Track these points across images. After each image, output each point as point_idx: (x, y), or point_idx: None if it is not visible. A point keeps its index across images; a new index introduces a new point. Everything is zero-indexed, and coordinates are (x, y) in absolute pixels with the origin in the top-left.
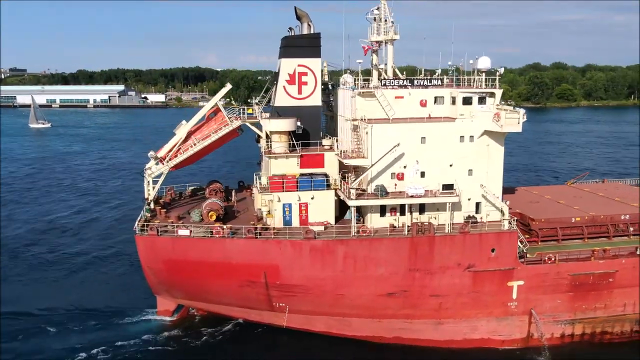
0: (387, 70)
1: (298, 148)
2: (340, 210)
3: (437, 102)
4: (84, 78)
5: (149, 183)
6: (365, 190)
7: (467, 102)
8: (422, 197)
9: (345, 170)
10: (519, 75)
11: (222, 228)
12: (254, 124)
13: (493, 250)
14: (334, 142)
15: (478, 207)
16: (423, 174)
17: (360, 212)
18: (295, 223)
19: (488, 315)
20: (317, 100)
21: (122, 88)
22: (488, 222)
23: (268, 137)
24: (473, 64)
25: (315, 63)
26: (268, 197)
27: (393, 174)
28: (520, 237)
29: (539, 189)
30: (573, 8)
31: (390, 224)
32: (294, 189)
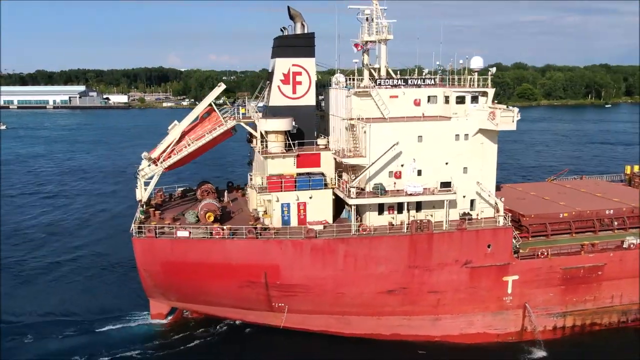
0: (380, 70)
1: (295, 148)
2: (336, 209)
3: (430, 101)
4: (43, 78)
5: (142, 184)
6: (364, 189)
7: (460, 101)
8: (420, 195)
9: (340, 170)
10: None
11: (222, 229)
12: (248, 124)
13: (489, 246)
14: (327, 141)
15: (472, 204)
16: (420, 172)
17: (358, 210)
18: (294, 223)
19: (484, 310)
20: (311, 100)
21: (83, 89)
22: (484, 218)
23: (263, 137)
24: (463, 64)
25: (310, 63)
26: (266, 197)
27: (391, 173)
28: (514, 232)
29: (523, 186)
30: (526, 9)
31: (389, 222)
32: (293, 189)
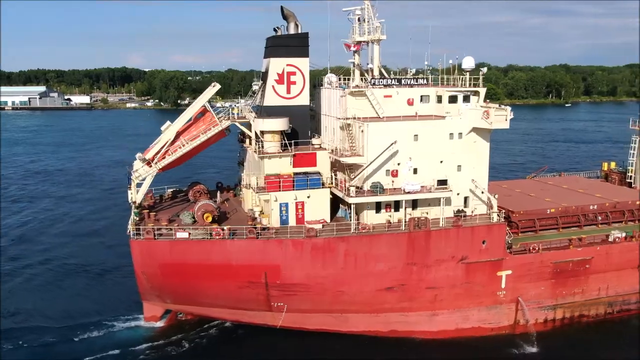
0: (374, 70)
1: (291, 147)
2: (332, 208)
3: (423, 100)
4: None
5: (135, 186)
6: (361, 188)
7: (452, 100)
8: (418, 193)
9: (335, 169)
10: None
11: (222, 229)
12: (242, 124)
13: (484, 242)
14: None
15: (466, 201)
16: (415, 171)
17: (355, 209)
18: (292, 222)
19: (479, 305)
20: (305, 100)
21: (43, 89)
22: (479, 215)
23: (257, 137)
24: (452, 63)
25: (304, 63)
26: (265, 196)
27: (388, 171)
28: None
29: (507, 183)
30: (493, 11)
31: (387, 220)
32: (291, 188)
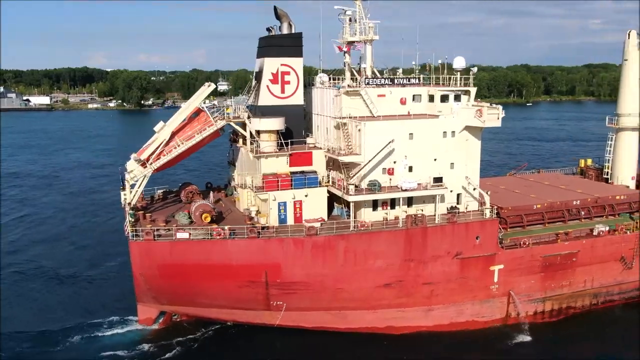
0: (367, 70)
1: (288, 147)
2: (327, 207)
3: (415, 100)
4: None
5: (129, 187)
6: (359, 186)
7: (444, 99)
8: (415, 190)
9: (330, 168)
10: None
11: (222, 229)
12: (237, 124)
13: (477, 238)
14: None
15: (459, 198)
16: (411, 169)
17: (352, 207)
18: (290, 221)
19: (473, 299)
20: (299, 100)
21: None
22: (472, 211)
23: (252, 136)
24: (442, 63)
25: (298, 62)
26: (263, 196)
27: (384, 169)
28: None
29: (491, 180)
30: (457, 11)
31: (383, 218)
32: (289, 187)
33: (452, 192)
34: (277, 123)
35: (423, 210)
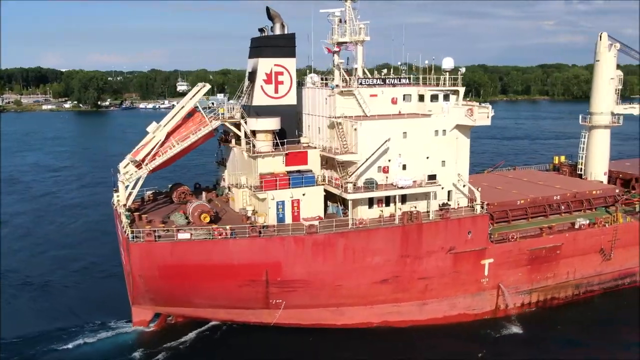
0: (358, 70)
1: (284, 146)
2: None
3: (405, 99)
4: None
5: (124, 188)
6: (356, 184)
7: (434, 99)
8: (410, 187)
9: (324, 166)
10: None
11: (224, 229)
12: (232, 124)
13: (469, 233)
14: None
15: (449, 194)
16: (404, 167)
17: (347, 205)
18: (288, 220)
19: (464, 293)
20: (292, 99)
21: None
22: (464, 207)
23: (247, 136)
24: (428, 63)
25: (291, 63)
26: (262, 195)
27: (379, 168)
28: None
29: (472, 177)
30: (414, 12)
31: (379, 215)
32: (287, 187)
33: (443, 189)
34: (273, 123)
35: (416, 207)
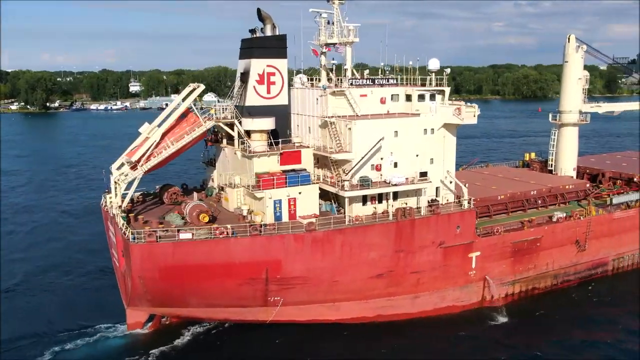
0: (347, 71)
1: (279, 146)
2: None
3: (393, 99)
4: None
5: (119, 190)
6: (351, 182)
7: (421, 98)
8: (403, 184)
9: (316, 165)
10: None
11: (225, 228)
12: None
13: (458, 228)
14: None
15: (437, 191)
16: (396, 165)
17: (340, 202)
18: (285, 218)
19: (453, 285)
20: (284, 100)
21: None
22: (453, 203)
23: (241, 136)
24: (413, 64)
25: (283, 63)
26: (260, 194)
27: (372, 166)
28: None
29: None
30: (367, 12)
31: (373, 212)
32: (284, 185)
33: (431, 185)
34: (269, 123)
35: (407, 204)
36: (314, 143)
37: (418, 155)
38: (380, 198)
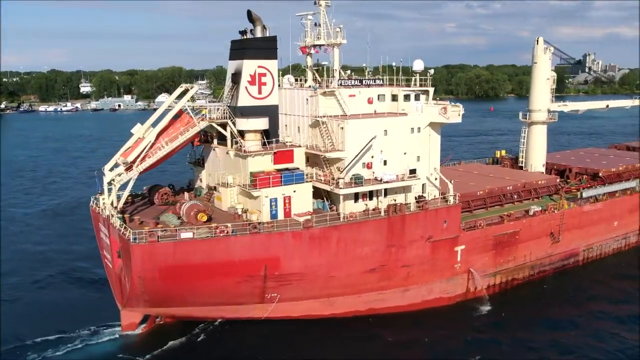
0: (334, 72)
1: (272, 145)
2: None
3: (379, 99)
4: None
5: (112, 191)
6: (343, 180)
7: (406, 98)
8: (394, 181)
9: (307, 164)
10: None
11: (225, 226)
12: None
13: (445, 222)
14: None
15: (423, 187)
16: (385, 162)
17: (332, 200)
18: (281, 216)
19: (440, 278)
20: (275, 100)
21: None
22: (439, 198)
23: (233, 136)
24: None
25: (273, 64)
26: (256, 193)
27: (364, 164)
28: None
29: None
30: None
31: (364, 208)
32: (279, 184)
33: (419, 181)
34: (262, 123)
35: (396, 200)
36: (304, 142)
37: (406, 153)
38: (371, 195)
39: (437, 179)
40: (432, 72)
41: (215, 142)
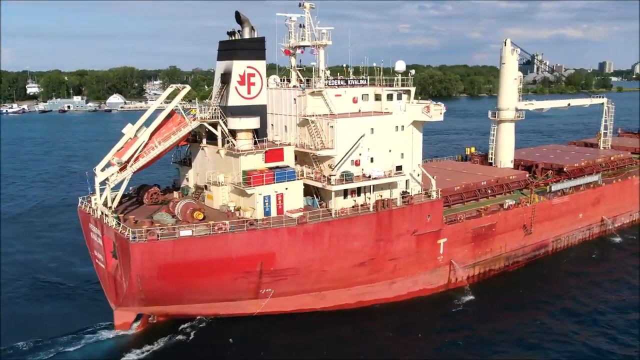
0: (320, 72)
1: (264, 143)
2: None
3: (363, 99)
4: None
5: (106, 190)
6: (335, 177)
7: (389, 98)
8: (382, 178)
9: (296, 162)
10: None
11: (224, 224)
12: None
13: (429, 216)
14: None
15: (407, 183)
16: (372, 160)
17: (323, 196)
18: (274, 213)
19: (424, 270)
20: (263, 100)
21: None
22: (423, 194)
23: (225, 135)
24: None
25: (262, 65)
26: (250, 191)
27: (352, 161)
28: None
29: None
30: (279, 12)
31: (353, 204)
32: (272, 182)
33: (404, 177)
34: (255, 122)
35: (382, 196)
36: (292, 141)
37: (391, 151)
38: (359, 191)
39: (419, 175)
40: (413, 72)
41: (204, 141)
